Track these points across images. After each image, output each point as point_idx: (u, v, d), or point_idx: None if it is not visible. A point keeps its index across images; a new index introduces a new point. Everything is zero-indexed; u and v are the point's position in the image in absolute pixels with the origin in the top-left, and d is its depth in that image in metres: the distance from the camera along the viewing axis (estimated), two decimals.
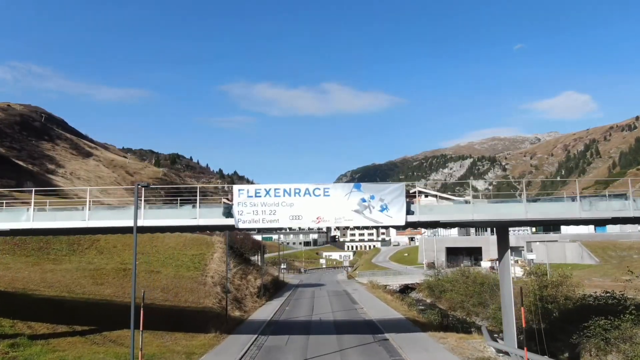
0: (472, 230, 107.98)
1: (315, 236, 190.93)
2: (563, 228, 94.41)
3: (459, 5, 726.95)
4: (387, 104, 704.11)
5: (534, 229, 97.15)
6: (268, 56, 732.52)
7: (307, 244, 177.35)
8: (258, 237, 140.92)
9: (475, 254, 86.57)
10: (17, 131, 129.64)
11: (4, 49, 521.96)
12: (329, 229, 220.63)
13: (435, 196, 19.73)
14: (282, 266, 75.78)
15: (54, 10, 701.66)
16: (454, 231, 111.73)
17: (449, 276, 56.37)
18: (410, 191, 18.91)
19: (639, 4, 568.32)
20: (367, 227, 24.06)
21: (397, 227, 21.18)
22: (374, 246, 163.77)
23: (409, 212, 18.10)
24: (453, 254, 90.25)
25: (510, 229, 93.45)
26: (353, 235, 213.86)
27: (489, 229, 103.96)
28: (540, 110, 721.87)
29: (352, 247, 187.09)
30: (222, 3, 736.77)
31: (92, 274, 34.32)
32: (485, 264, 72.61)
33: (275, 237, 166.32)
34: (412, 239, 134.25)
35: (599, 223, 42.76)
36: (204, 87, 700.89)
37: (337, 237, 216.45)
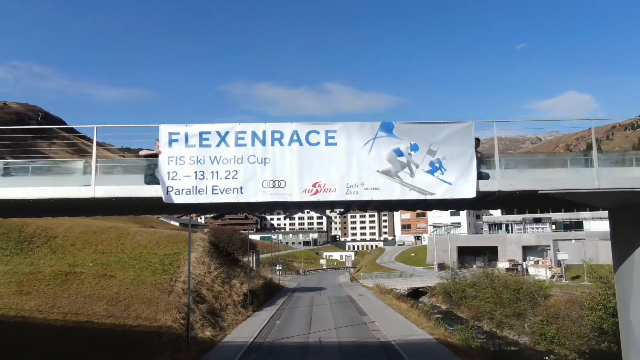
0: (486, 228, 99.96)
1: (315, 235, 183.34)
2: (586, 225, 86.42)
3: (460, 4, 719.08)
4: (388, 104, 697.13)
5: (554, 227, 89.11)
6: (269, 56, 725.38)
7: (306, 243, 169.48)
8: (256, 236, 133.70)
9: (489, 254, 78.39)
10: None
11: (5, 49, 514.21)
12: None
13: None
14: (277, 267, 67.61)
15: (55, 10, 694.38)
16: (464, 229, 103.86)
17: (469, 279, 48.59)
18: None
19: (639, 4, 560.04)
20: (401, 206, 12.75)
21: (458, 206, 12.85)
22: (377, 246, 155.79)
23: (480, 175, 9.93)
24: (465, 254, 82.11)
25: (527, 226, 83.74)
26: (354, 234, 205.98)
27: (503, 227, 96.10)
28: (541, 110, 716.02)
29: (354, 247, 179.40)
30: (222, 3, 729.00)
31: (21, 279, 26.27)
32: (502, 264, 64.60)
33: (274, 236, 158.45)
34: (418, 238, 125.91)
35: None
36: (204, 87, 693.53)
37: (337, 236, 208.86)
